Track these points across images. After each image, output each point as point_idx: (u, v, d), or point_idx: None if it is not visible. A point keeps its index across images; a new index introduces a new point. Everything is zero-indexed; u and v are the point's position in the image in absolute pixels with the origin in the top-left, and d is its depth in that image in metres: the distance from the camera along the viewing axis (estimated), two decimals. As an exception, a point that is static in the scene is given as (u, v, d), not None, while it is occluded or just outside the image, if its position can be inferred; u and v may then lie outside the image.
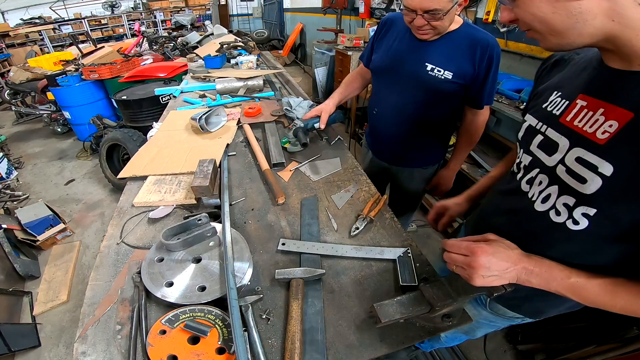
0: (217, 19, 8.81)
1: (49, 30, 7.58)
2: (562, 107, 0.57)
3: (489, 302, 0.90)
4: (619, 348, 1.31)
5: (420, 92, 1.23)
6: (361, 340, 0.70)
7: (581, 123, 0.53)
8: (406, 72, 1.22)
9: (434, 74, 1.17)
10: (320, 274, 0.81)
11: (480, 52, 1.12)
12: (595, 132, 0.50)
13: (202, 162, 1.14)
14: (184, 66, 3.29)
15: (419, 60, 1.19)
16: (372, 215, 1.01)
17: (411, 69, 1.21)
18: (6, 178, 3.29)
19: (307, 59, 7.11)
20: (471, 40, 1.12)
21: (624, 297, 0.53)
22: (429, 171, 1.52)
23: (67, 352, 1.77)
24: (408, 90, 1.26)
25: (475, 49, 1.12)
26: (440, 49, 1.16)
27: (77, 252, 2.40)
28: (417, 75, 1.20)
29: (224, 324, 0.69)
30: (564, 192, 0.54)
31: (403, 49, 1.23)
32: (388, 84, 1.32)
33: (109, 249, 0.93)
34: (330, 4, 4.79)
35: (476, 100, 1.24)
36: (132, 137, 2.70)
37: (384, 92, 1.35)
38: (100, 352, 0.68)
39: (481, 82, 1.17)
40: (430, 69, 1.17)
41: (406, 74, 1.23)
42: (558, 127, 0.57)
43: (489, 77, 1.16)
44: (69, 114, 3.77)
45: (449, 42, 1.15)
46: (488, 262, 0.57)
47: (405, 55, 1.22)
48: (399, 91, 1.28)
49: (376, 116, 1.43)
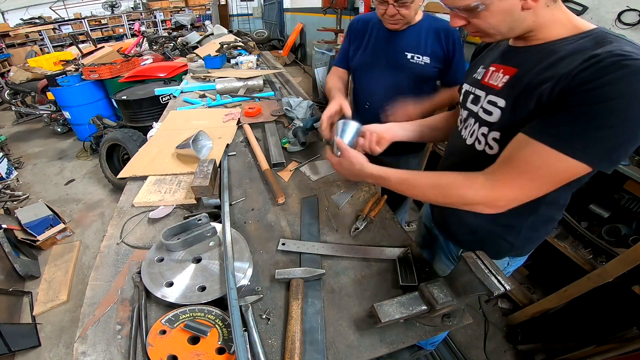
0: (217, 19, 8.81)
1: (49, 30, 7.58)
2: (482, 73, 0.79)
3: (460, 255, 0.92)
4: (619, 348, 1.31)
5: (408, 80, 1.33)
6: (361, 340, 0.70)
7: (491, 80, 0.75)
8: (390, 63, 1.33)
9: (414, 61, 1.29)
10: (320, 274, 0.81)
11: (444, 37, 1.26)
12: (497, 83, 0.72)
13: (202, 162, 1.14)
14: (184, 66, 3.29)
15: (397, 50, 1.30)
16: (372, 215, 1.01)
17: (394, 60, 1.31)
18: (6, 178, 3.29)
19: (307, 59, 7.10)
20: (435, 28, 1.27)
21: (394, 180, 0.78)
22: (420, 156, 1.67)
23: (67, 352, 1.77)
24: (396, 81, 1.34)
25: (440, 35, 1.26)
26: (411, 38, 1.28)
27: (77, 252, 2.40)
28: (401, 63, 1.31)
29: (224, 324, 0.69)
30: (482, 125, 0.75)
31: (379, 43, 1.33)
32: (376, 77, 1.39)
33: (109, 249, 0.93)
34: (330, 4, 4.79)
35: (452, 79, 1.35)
36: (132, 137, 2.70)
37: (374, 85, 1.41)
38: (100, 352, 0.68)
39: (451, 62, 1.31)
40: (410, 57, 1.29)
41: (391, 65, 1.33)
42: (480, 86, 0.78)
43: (457, 57, 1.30)
44: (69, 114, 3.77)
45: (417, 32, 1.28)
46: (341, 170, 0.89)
47: (384, 47, 1.33)
48: (387, 83, 1.36)
49: (369, 109, 1.46)
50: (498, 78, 0.73)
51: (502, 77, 0.72)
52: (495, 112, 0.71)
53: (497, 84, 0.72)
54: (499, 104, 0.70)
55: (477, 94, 0.79)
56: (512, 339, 1.73)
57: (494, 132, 0.72)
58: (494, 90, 0.73)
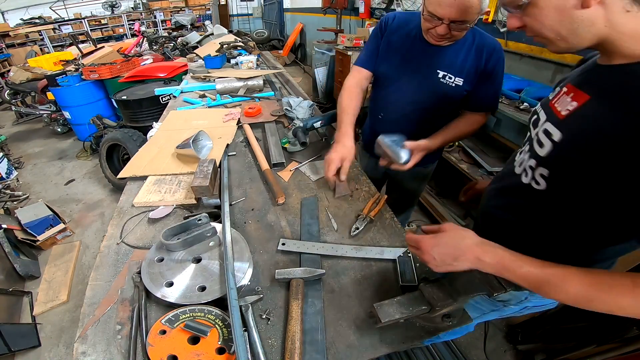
0: (217, 19, 8.81)
1: (49, 30, 7.58)
2: (554, 94, 0.69)
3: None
4: (619, 348, 1.31)
5: (431, 98, 1.20)
6: (361, 340, 0.70)
7: (557, 104, 0.64)
8: (417, 79, 1.19)
9: (445, 81, 1.14)
10: (320, 274, 0.81)
11: (486, 55, 1.10)
12: (561, 110, 0.62)
13: (202, 162, 1.14)
14: (184, 66, 3.29)
15: (430, 66, 1.15)
16: (372, 215, 1.01)
17: (423, 75, 1.17)
18: (6, 178, 3.29)
19: (307, 59, 7.11)
20: (479, 45, 1.10)
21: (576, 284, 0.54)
22: (429, 169, 1.54)
23: (67, 352, 1.77)
24: (418, 97, 1.22)
25: (482, 53, 1.10)
26: (449, 54, 1.12)
27: (77, 252, 2.40)
28: (429, 82, 1.17)
29: (224, 324, 0.69)
30: (531, 157, 0.67)
31: (413, 55, 1.18)
32: (398, 89, 1.26)
33: (109, 249, 0.93)
34: (330, 4, 4.79)
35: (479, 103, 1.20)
36: (132, 137, 2.70)
37: (394, 98, 1.29)
38: (100, 352, 0.68)
39: (485, 83, 1.14)
40: (442, 76, 1.14)
41: (417, 81, 1.19)
42: (546, 108, 0.69)
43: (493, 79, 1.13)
44: (69, 114, 3.77)
45: (457, 48, 1.11)
46: (433, 253, 0.63)
47: (416, 61, 1.18)
48: (408, 98, 1.24)
49: (381, 121, 1.38)
50: (565, 103, 0.61)
51: (570, 103, 0.60)
52: (547, 145, 0.60)
53: (560, 110, 0.61)
54: (554, 136, 0.59)
55: (539, 115, 0.69)
56: (512, 339, 1.73)
57: (542, 168, 0.62)
58: (555, 118, 0.62)
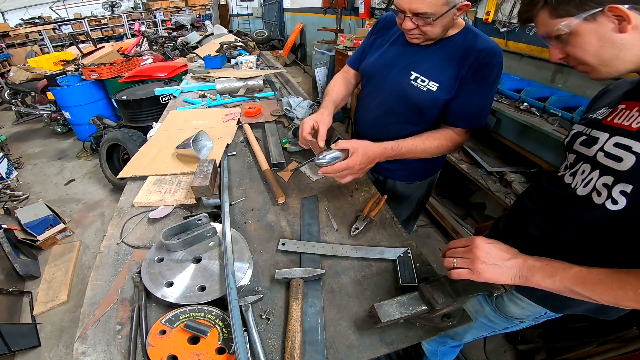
0: (217, 19, 8.82)
1: (49, 30, 7.59)
2: (605, 114, 0.68)
3: (496, 298, 0.89)
4: (619, 348, 1.31)
5: (399, 102, 1.11)
6: (361, 340, 0.70)
7: (620, 120, 0.63)
8: (390, 79, 1.11)
9: (416, 84, 1.04)
10: (320, 274, 0.81)
11: (474, 59, 0.96)
12: (631, 124, 0.61)
13: (202, 162, 1.14)
14: (184, 66, 3.29)
15: (405, 67, 1.07)
16: (372, 215, 1.01)
17: (395, 76, 1.09)
18: (6, 178, 3.29)
19: (307, 59, 7.11)
20: (468, 47, 0.97)
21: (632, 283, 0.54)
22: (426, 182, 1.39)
23: (67, 352, 1.77)
24: (387, 100, 1.14)
25: (469, 56, 0.97)
26: (432, 56, 1.02)
27: (77, 252, 2.40)
28: (398, 83, 1.08)
29: (224, 324, 0.69)
30: (604, 174, 0.62)
31: (393, 53, 1.11)
32: (371, 91, 1.20)
33: (109, 249, 0.93)
34: (330, 4, 4.79)
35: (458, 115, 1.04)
36: (132, 137, 2.70)
37: (367, 99, 1.23)
38: (100, 352, 0.68)
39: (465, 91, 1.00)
40: (413, 78, 1.04)
41: (389, 82, 1.11)
42: (599, 127, 0.67)
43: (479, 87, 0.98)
44: (69, 114, 3.77)
45: (444, 49, 1.01)
46: (488, 249, 0.63)
47: (395, 60, 1.10)
48: (379, 100, 1.17)
49: (358, 122, 1.33)
50: (632, 117, 0.61)
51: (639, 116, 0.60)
52: (629, 159, 0.58)
53: (631, 125, 0.60)
54: (634, 148, 0.58)
55: (593, 135, 0.67)
56: (512, 339, 1.73)
57: (623, 184, 0.58)
58: (627, 132, 0.61)
